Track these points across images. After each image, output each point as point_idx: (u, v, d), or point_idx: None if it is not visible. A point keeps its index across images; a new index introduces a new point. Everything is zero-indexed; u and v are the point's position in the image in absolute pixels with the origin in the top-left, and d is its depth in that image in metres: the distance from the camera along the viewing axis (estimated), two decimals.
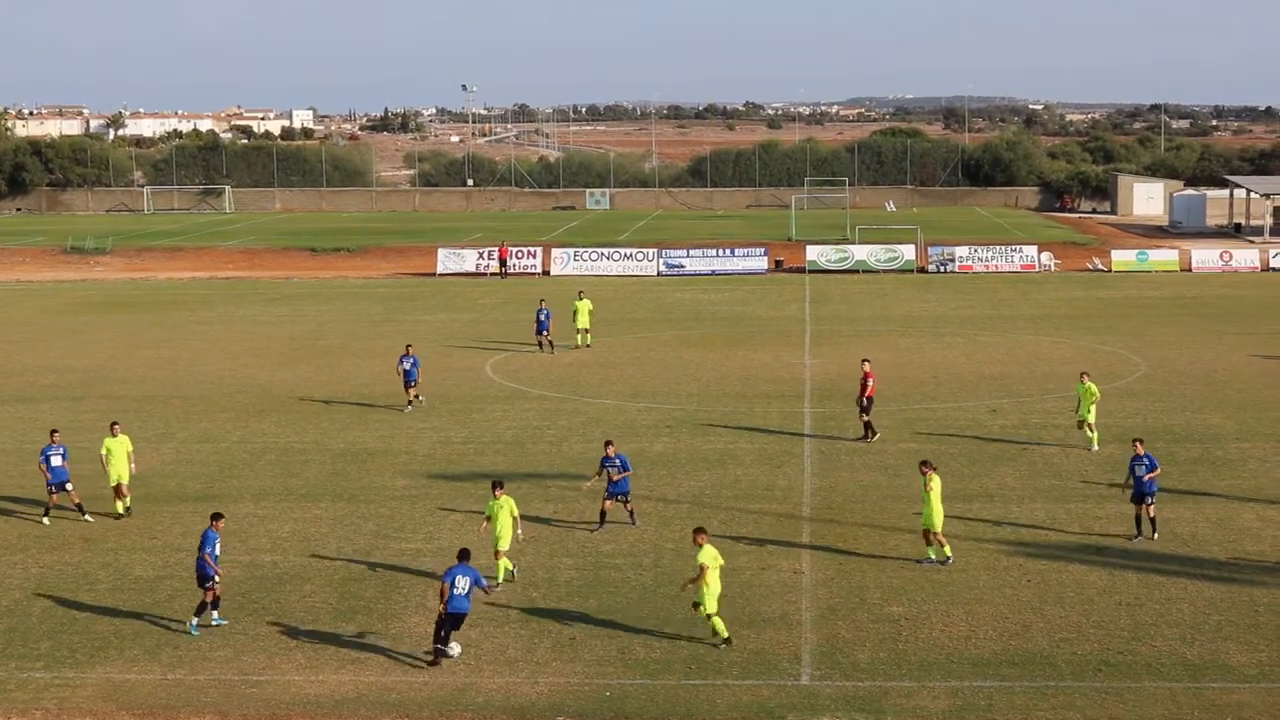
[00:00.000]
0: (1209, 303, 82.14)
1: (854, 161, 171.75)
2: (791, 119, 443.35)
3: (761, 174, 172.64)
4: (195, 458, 45.34)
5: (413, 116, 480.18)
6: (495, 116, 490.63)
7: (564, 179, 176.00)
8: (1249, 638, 28.91)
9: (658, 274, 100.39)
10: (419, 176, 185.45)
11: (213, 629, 30.08)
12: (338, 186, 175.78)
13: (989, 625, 29.75)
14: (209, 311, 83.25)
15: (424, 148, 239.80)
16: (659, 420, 50.37)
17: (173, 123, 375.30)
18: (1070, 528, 36.78)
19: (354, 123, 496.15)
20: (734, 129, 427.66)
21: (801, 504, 39.23)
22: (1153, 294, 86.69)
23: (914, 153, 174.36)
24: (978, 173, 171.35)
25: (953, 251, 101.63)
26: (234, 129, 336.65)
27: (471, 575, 28.23)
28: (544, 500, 39.80)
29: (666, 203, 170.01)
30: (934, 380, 57.57)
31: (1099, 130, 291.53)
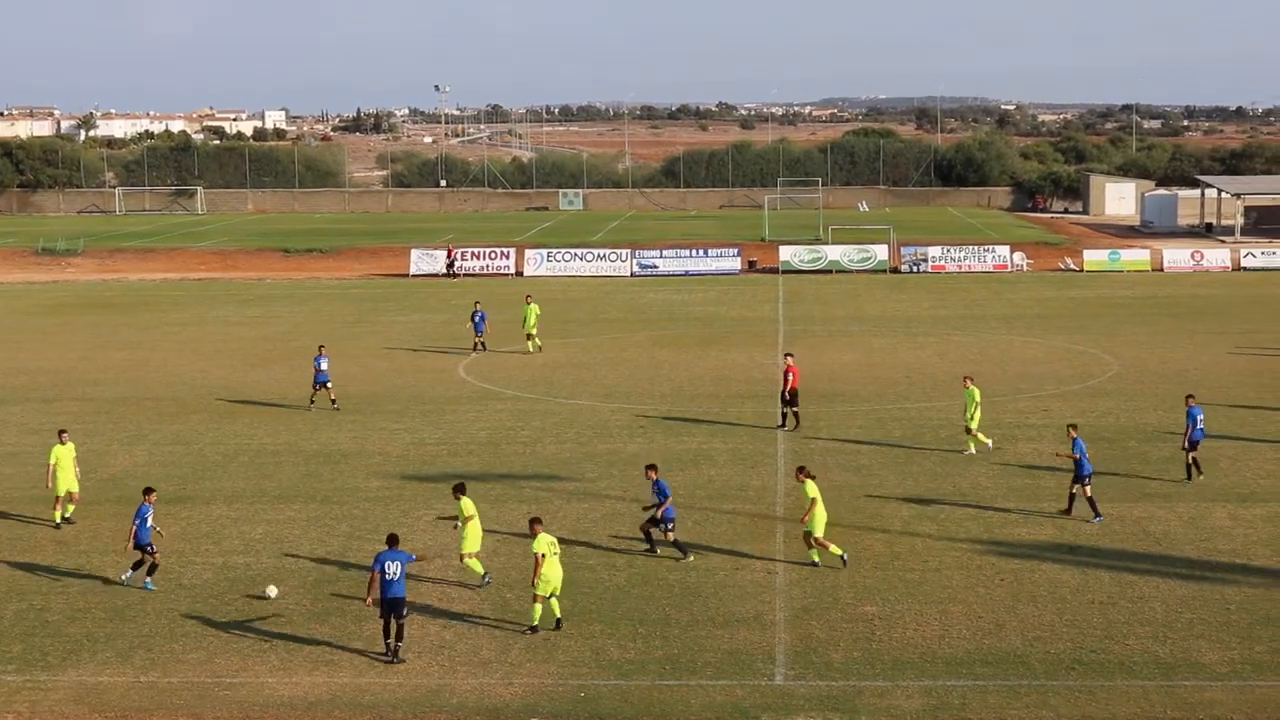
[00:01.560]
0: (1180, 302, 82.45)
1: (827, 162, 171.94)
2: (764, 119, 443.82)
3: (735, 174, 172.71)
4: (168, 459, 45.22)
5: (385, 117, 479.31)
6: (468, 117, 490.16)
7: (537, 180, 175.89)
8: (1221, 636, 29.02)
9: (631, 274, 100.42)
10: (392, 177, 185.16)
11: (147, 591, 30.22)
12: (310, 187, 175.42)
13: (962, 624, 29.82)
14: (181, 313, 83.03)
15: (397, 148, 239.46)
16: (632, 421, 50.38)
17: (144, 123, 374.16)
18: (1043, 527, 36.87)
19: (326, 123, 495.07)
20: (707, 129, 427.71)
21: (775, 504, 39.27)
22: (1124, 294, 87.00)
23: (887, 153, 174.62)
24: (950, 173, 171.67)
25: (925, 252, 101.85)
26: (206, 130, 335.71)
27: (401, 559, 28.37)
28: (518, 501, 39.77)
29: (640, 203, 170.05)
30: (907, 380, 57.69)
31: (1071, 130, 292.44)
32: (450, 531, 35.16)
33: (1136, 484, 41.03)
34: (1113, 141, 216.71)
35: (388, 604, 28.33)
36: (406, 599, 28.61)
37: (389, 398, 54.95)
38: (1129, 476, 41.80)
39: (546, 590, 29.88)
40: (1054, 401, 52.66)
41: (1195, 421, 41.14)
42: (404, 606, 28.46)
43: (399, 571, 28.33)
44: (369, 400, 54.59)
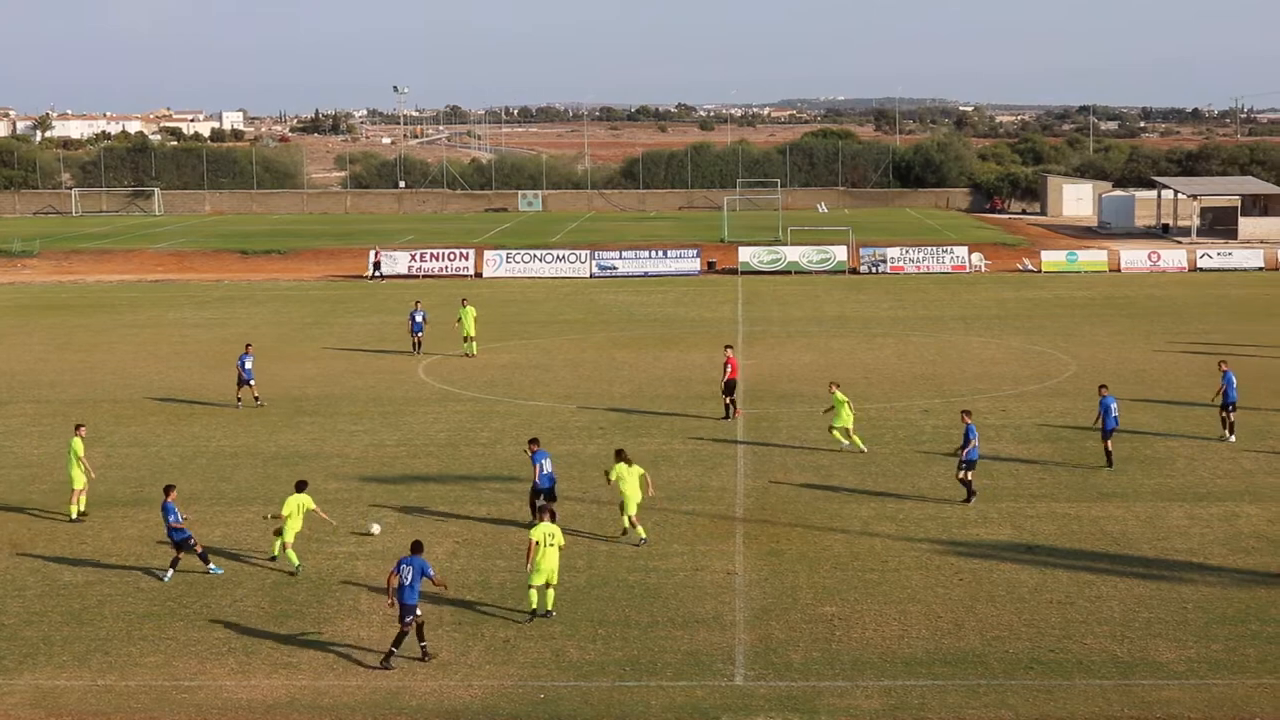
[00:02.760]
0: (1137, 303, 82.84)
1: (786, 163, 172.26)
2: (723, 120, 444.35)
3: (694, 175, 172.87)
4: (125, 462, 45.00)
5: (344, 118, 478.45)
6: (427, 118, 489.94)
7: (496, 181, 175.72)
8: (1178, 635, 29.16)
9: (590, 276, 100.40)
10: (350, 178, 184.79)
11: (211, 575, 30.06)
12: (268, 189, 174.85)
13: (922, 624, 29.89)
14: (138, 314, 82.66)
15: (355, 149, 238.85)
16: (592, 422, 50.36)
17: (101, 124, 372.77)
18: (1001, 526, 37.00)
19: (284, 124, 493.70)
20: (666, 130, 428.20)
21: (734, 505, 39.31)
22: (1082, 294, 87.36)
23: (845, 154, 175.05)
24: (909, 174, 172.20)
25: (884, 252, 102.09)
26: (163, 131, 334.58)
27: (416, 566, 28.35)
28: (477, 503, 39.72)
29: (599, 204, 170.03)
30: (865, 381, 57.80)
31: (1028, 132, 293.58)
32: (410, 535, 35.05)
33: (1094, 484, 41.20)
34: (1070, 143, 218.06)
35: (401, 608, 28.31)
36: (416, 606, 28.34)
37: (348, 399, 54.81)
38: (1087, 476, 41.96)
39: (539, 579, 30.44)
40: (1012, 402, 52.84)
41: (1109, 411, 43.05)
42: (410, 614, 28.25)
43: (412, 577, 28.28)
44: (327, 402, 54.44)
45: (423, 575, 28.45)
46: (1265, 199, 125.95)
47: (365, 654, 28.64)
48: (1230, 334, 69.20)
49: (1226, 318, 75.47)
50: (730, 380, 50.85)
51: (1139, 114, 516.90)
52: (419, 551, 28.89)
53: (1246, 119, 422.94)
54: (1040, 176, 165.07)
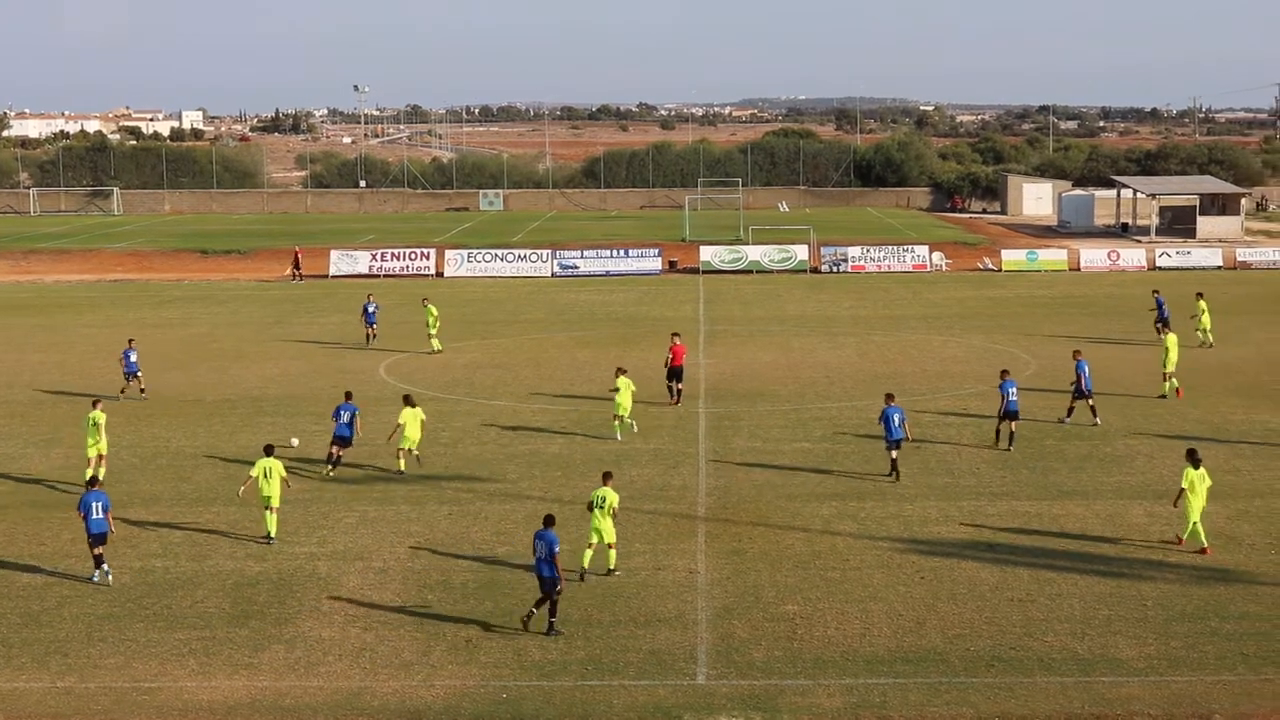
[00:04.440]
0: (1097, 301, 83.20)
1: (747, 162, 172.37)
2: (685, 120, 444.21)
3: (655, 175, 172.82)
4: (85, 463, 44.74)
5: (304, 117, 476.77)
6: (388, 118, 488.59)
7: (457, 180, 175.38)
8: (1137, 632, 29.31)
9: (552, 275, 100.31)
10: (311, 178, 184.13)
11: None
12: (228, 188, 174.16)
13: (883, 623, 29.97)
14: (97, 314, 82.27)
15: (316, 149, 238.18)
16: (554, 421, 50.33)
17: (59, 124, 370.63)
18: (962, 525, 37.10)
19: (244, 124, 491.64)
20: (627, 130, 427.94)
21: (696, 504, 39.34)
22: (1042, 293, 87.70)
23: (806, 153, 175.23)
24: (870, 173, 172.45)
25: (845, 252, 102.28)
26: (122, 130, 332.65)
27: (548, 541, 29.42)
28: (439, 503, 39.67)
29: (560, 204, 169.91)
30: (827, 380, 57.91)
31: (989, 131, 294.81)
32: (373, 534, 34.96)
33: (1054, 481, 41.36)
34: (1030, 142, 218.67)
35: (539, 581, 29.56)
36: (557, 579, 29.45)
37: (309, 399, 54.65)
38: (1047, 474, 42.12)
39: (593, 538, 33.02)
40: (973, 400, 53.00)
41: (1006, 395, 45.07)
42: (552, 585, 29.44)
43: (545, 552, 29.35)
44: (288, 402, 54.28)
45: (551, 552, 29.38)
46: (1223, 198, 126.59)
47: (327, 654, 28.57)
48: (1187, 331, 69.50)
49: (1186, 315, 75.68)
50: (674, 367, 52.58)
51: (1098, 113, 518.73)
52: (550, 525, 29.83)
53: (1204, 119, 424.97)
54: (1000, 176, 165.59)
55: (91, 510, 33.49)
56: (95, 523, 33.47)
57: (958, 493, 40.25)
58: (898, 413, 41.93)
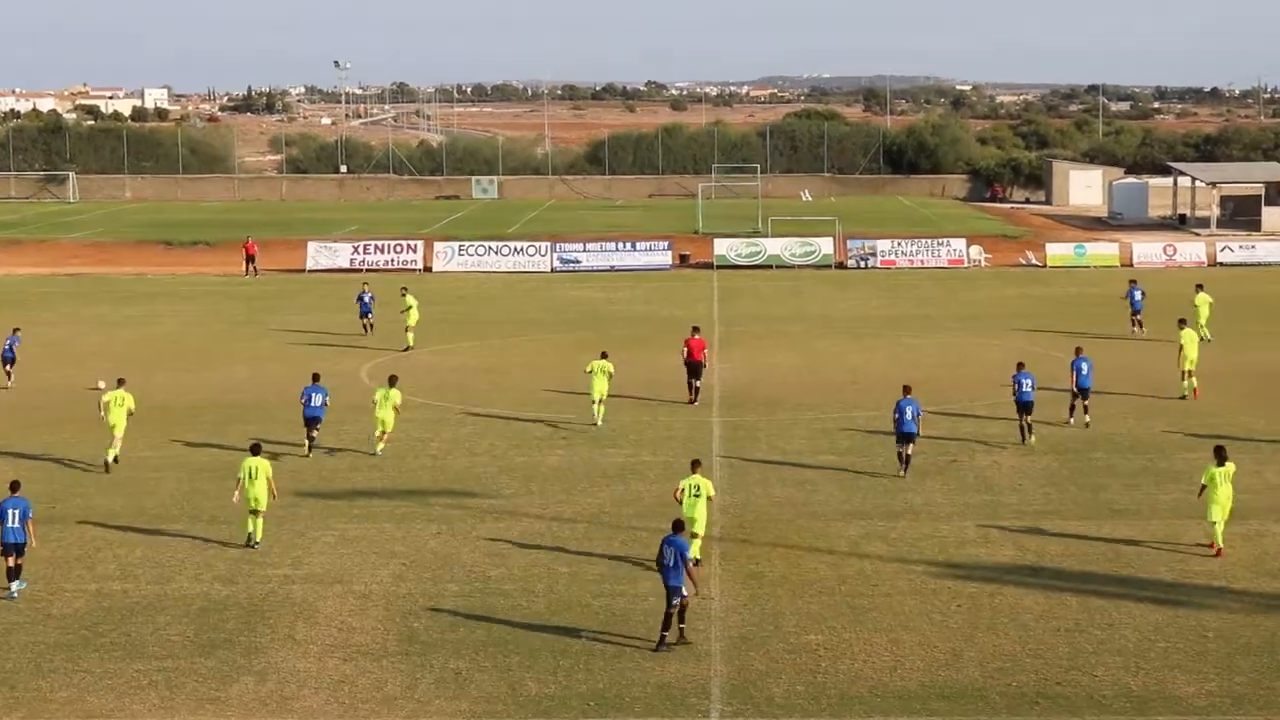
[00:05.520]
0: (1153, 301, 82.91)
1: (766, 147, 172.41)
2: (697, 100, 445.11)
3: (665, 160, 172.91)
4: (36, 475, 44.69)
5: (279, 96, 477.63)
6: (371, 96, 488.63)
7: (447, 166, 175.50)
8: (1197, 666, 29.19)
9: (551, 270, 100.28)
10: (286, 162, 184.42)
11: None
12: (196, 173, 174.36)
13: (916, 654, 29.87)
14: (51, 311, 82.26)
15: (292, 130, 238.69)
16: (553, 431, 50.27)
17: (9, 102, 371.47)
18: (1003, 547, 37.00)
19: (213, 103, 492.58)
20: (634, 111, 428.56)
21: (711, 522, 39.20)
22: (1091, 291, 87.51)
23: (831, 137, 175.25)
24: (901, 159, 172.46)
25: (874, 245, 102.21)
26: (79, 109, 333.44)
27: (678, 546, 30.10)
28: (426, 520, 39.60)
29: (560, 192, 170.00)
30: (854, 386, 57.82)
31: (1032, 113, 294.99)
32: (357, 551, 34.89)
33: (1105, 498, 41.26)
34: (1078, 125, 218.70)
35: (666, 590, 30.22)
36: (681, 589, 29.94)
37: (282, 405, 54.58)
38: (1097, 492, 42.02)
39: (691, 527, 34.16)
40: (1013, 409, 52.79)
41: (1022, 386, 47.49)
42: (675, 595, 29.97)
43: (674, 558, 29.88)
44: (259, 408, 54.25)
45: (681, 557, 29.91)
46: None
47: (302, 688, 28.48)
48: (1261, 337, 69.35)
49: (1251, 317, 75.60)
50: (692, 362, 54.01)
51: (1153, 94, 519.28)
52: (679, 531, 30.52)
53: (1270, 99, 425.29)
54: (1045, 162, 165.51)
55: (7, 518, 33.60)
56: (10, 531, 33.58)
57: (998, 511, 40.14)
58: (912, 405, 43.76)
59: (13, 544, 33.80)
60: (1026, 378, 47.68)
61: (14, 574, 33.91)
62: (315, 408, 46.89)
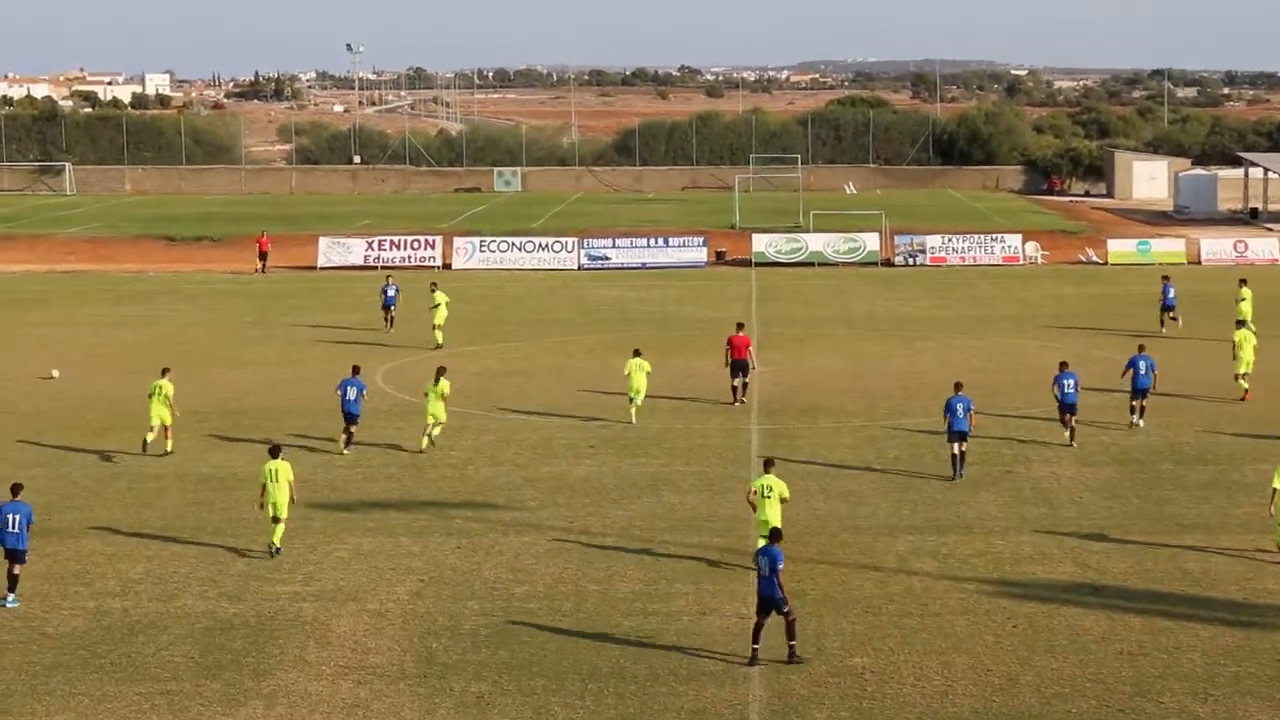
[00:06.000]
0: (1222, 300, 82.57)
1: (807, 136, 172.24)
2: (734, 86, 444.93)
3: (699, 150, 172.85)
4: (29, 485, 44.60)
5: (288, 82, 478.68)
6: (386, 82, 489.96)
7: (467, 156, 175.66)
8: (1271, 692, 29.11)
9: (578, 267, 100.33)
10: (296, 153, 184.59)
11: None
12: (200, 164, 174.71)
13: (968, 679, 29.84)
14: (46, 311, 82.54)
15: (302, 119, 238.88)
16: (580, 439, 50.31)
17: (1, 88, 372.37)
18: (1062, 563, 36.94)
19: (218, 89, 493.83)
20: (667, 97, 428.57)
21: (748, 537, 39.21)
22: (1155, 290, 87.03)
23: (877, 126, 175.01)
24: (951, 149, 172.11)
25: (923, 241, 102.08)
26: (75, 95, 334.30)
27: (772, 555, 30.38)
28: (445, 534, 39.65)
29: (588, 184, 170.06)
30: (902, 392, 57.76)
31: (1092, 100, 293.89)
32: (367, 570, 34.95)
33: (1172, 512, 41.16)
34: (1141, 113, 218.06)
35: (759, 601, 30.72)
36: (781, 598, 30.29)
37: (293, 411, 54.74)
38: (1163, 505, 41.92)
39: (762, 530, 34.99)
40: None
41: (1063, 387, 48.41)
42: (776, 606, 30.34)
43: (768, 568, 30.22)
44: (269, 415, 54.35)
45: (774, 569, 30.22)
46: None
47: (313, 712, 28.54)
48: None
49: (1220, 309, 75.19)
50: (737, 360, 55.14)
51: (1222, 79, 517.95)
52: (776, 540, 31.00)
53: None
54: (1106, 152, 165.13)
55: (7, 523, 33.94)
56: (10, 537, 33.93)
57: (1057, 526, 40.07)
58: (963, 402, 44.64)
59: (13, 549, 34.15)
60: (1069, 378, 48.61)
61: (12, 584, 34.30)
62: (350, 402, 48.37)
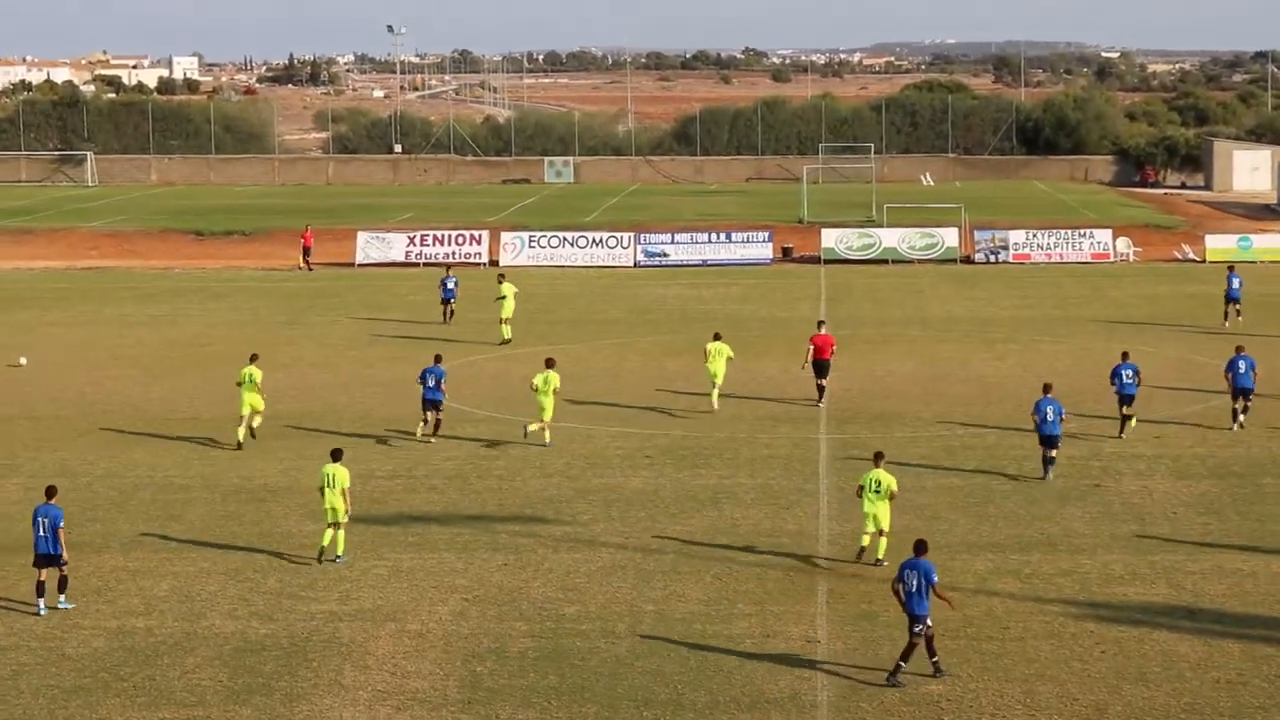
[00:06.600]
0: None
1: (881, 123, 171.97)
2: (802, 70, 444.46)
3: (764, 139, 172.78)
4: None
5: (325, 65, 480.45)
6: (430, 66, 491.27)
7: (516, 145, 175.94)
8: None
9: (635, 264, 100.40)
10: (333, 141, 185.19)
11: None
12: (230, 153, 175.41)
13: (1053, 708, 29.80)
14: (66, 311, 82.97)
15: (339, 105, 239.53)
16: (636, 448, 50.34)
17: (19, 72, 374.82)
18: (1155, 584, 36.81)
19: (250, 73, 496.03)
20: (730, 82, 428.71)
21: (816, 555, 39.22)
22: (1258, 290, 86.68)
23: (956, 112, 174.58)
24: (1037, 138, 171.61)
25: (1005, 237, 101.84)
26: (98, 80, 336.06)
27: (922, 569, 31.10)
28: (491, 550, 39.72)
29: (645, 175, 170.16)
30: (982, 399, 57.62)
31: (1189, 84, 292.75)
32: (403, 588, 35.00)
33: (1275, 530, 40.96)
34: (1243, 98, 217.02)
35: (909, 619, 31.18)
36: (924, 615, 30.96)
37: (329, 418, 54.91)
38: (1265, 522, 41.73)
39: (869, 526, 37.73)
40: (1168, 427, 52.57)
41: (1121, 378, 50.77)
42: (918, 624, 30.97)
43: (918, 584, 30.98)
44: (304, 421, 54.50)
45: (928, 583, 30.93)
46: None
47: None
48: None
49: None
50: (820, 360, 56.43)
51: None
52: (922, 553, 31.51)
53: None
54: (1204, 141, 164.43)
55: (38, 526, 34.50)
56: (40, 541, 34.46)
57: (1148, 544, 39.93)
58: (1053, 405, 45.77)
59: (44, 555, 34.59)
60: (1128, 368, 50.83)
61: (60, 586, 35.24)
62: (431, 389, 50.97)
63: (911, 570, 31.01)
